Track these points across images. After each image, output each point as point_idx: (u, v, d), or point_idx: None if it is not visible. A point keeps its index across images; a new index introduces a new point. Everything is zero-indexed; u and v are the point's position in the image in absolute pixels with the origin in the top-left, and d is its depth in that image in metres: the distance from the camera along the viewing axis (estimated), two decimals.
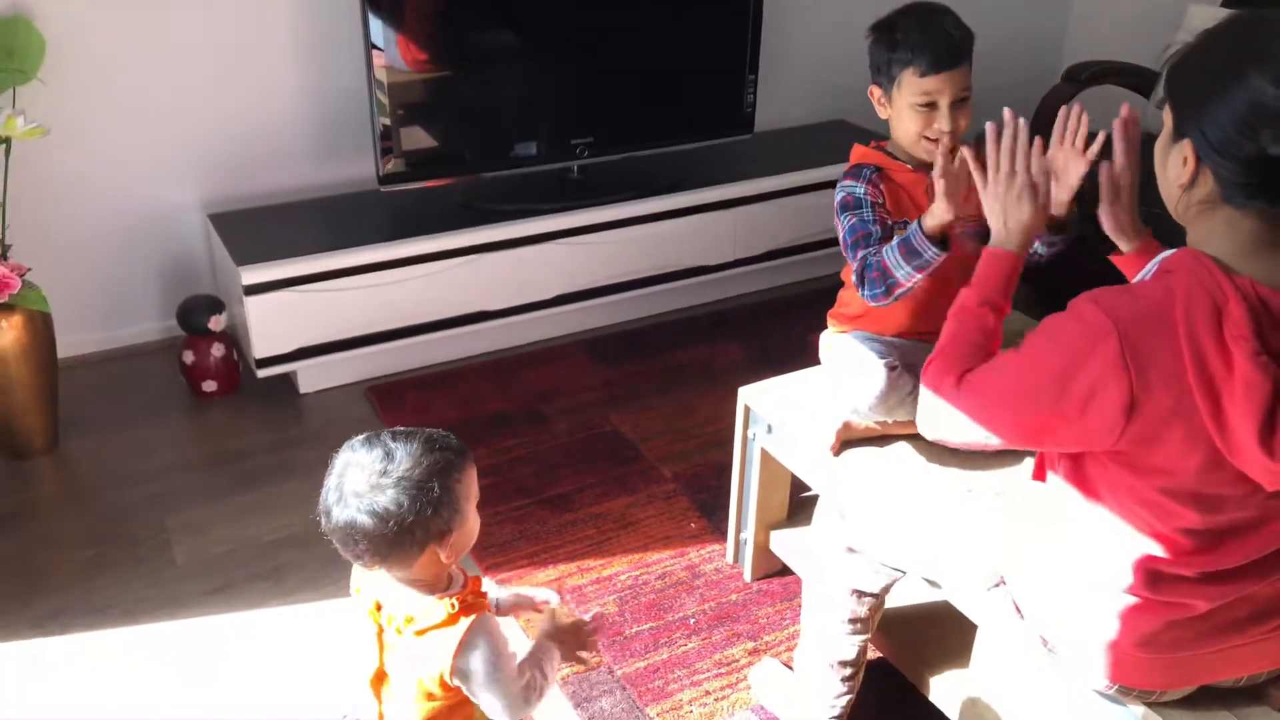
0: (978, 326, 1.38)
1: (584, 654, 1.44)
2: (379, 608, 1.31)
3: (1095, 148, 1.54)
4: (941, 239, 1.63)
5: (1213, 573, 1.23)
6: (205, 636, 2.01)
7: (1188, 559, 1.22)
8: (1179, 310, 1.11)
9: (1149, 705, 1.34)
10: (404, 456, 1.23)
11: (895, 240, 1.68)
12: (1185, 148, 1.17)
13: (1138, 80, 3.18)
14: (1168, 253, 1.21)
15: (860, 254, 1.73)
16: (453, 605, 1.26)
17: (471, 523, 1.30)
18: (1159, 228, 1.45)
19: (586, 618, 1.46)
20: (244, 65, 2.80)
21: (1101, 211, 1.51)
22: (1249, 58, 1.09)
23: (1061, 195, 1.58)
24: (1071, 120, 1.56)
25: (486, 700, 1.27)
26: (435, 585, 1.30)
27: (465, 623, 1.26)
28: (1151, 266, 1.22)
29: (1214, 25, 1.17)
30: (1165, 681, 1.31)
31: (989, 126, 1.46)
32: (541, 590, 1.53)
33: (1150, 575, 1.24)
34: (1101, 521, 1.26)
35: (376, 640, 1.32)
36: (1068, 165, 1.57)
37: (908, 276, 1.67)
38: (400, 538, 1.22)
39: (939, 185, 1.59)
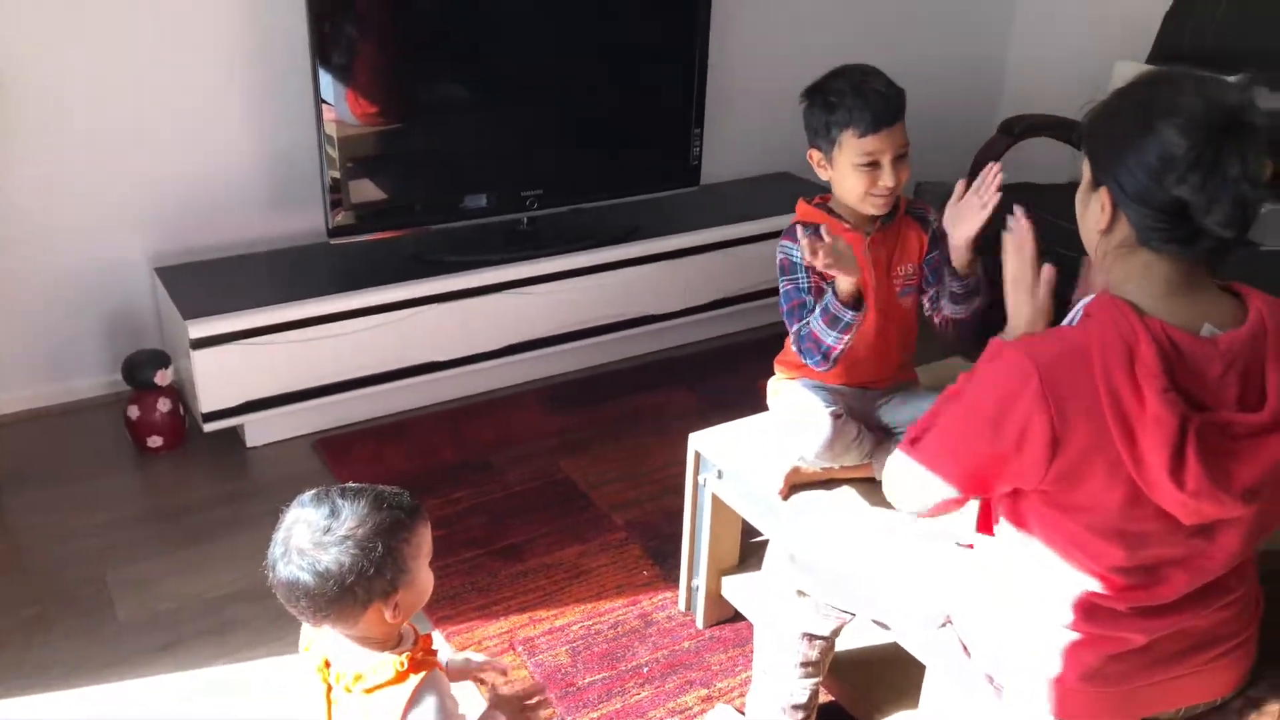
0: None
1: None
2: (327, 665, 1.30)
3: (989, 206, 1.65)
4: (855, 301, 1.70)
5: (1146, 607, 1.27)
6: (151, 695, 1.97)
7: (1121, 595, 1.26)
8: (1095, 351, 1.17)
9: None
10: (349, 515, 1.23)
11: (817, 311, 1.74)
12: (1103, 195, 1.23)
13: (1068, 133, 3.29)
14: (1089, 298, 1.26)
15: (795, 326, 1.80)
16: (402, 663, 1.26)
17: (422, 582, 1.30)
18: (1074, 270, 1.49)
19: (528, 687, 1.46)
20: (192, 118, 2.80)
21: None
22: (1157, 111, 1.16)
23: (956, 240, 1.71)
24: (989, 175, 1.65)
25: None
26: (384, 643, 1.29)
27: (414, 680, 1.25)
28: (1077, 311, 1.27)
29: (1126, 83, 1.24)
30: (1108, 715, 1.34)
31: (1010, 220, 1.46)
32: (492, 660, 1.52)
33: (1087, 610, 1.28)
34: (1040, 559, 1.30)
35: (325, 698, 1.31)
36: (968, 216, 1.68)
37: (837, 340, 1.74)
38: (342, 596, 1.22)
39: (819, 264, 1.64)
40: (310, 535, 1.22)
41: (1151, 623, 1.27)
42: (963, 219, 1.71)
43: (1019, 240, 1.43)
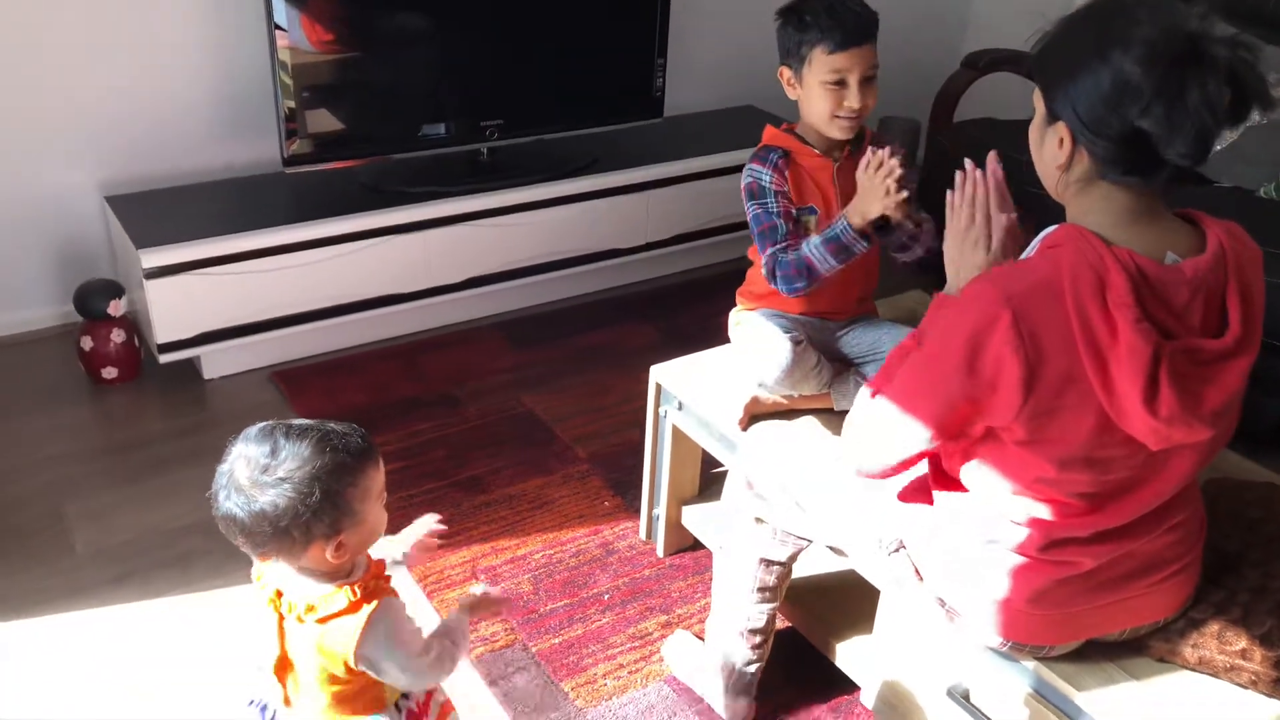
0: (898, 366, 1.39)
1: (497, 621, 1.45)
2: (279, 595, 1.29)
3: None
4: (864, 233, 1.71)
5: (1102, 531, 1.30)
6: (108, 625, 1.97)
7: (1081, 519, 1.28)
8: (1065, 282, 1.17)
9: (1040, 660, 1.40)
10: (290, 456, 1.20)
11: (818, 239, 1.74)
12: (1060, 130, 1.23)
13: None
14: (1050, 229, 1.26)
15: (770, 251, 1.79)
16: (354, 592, 1.25)
17: (372, 521, 1.27)
18: (1041, 205, 1.48)
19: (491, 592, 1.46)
20: (142, 44, 2.72)
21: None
22: (1112, 40, 1.15)
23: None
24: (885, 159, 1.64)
25: (394, 677, 1.28)
26: (334, 574, 1.28)
27: (367, 610, 1.24)
28: (1035, 244, 1.28)
29: (1073, 11, 1.23)
30: (1055, 636, 1.37)
31: (957, 175, 1.43)
32: (425, 520, 1.49)
33: (1042, 537, 1.31)
34: (994, 485, 1.32)
35: (278, 629, 1.30)
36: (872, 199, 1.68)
37: (831, 270, 1.75)
38: (277, 536, 1.20)
39: (884, 176, 1.66)
40: (248, 473, 1.20)
41: (1103, 547, 1.30)
42: (867, 200, 1.70)
43: (973, 192, 1.39)
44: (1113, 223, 1.23)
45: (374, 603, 1.25)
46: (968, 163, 1.43)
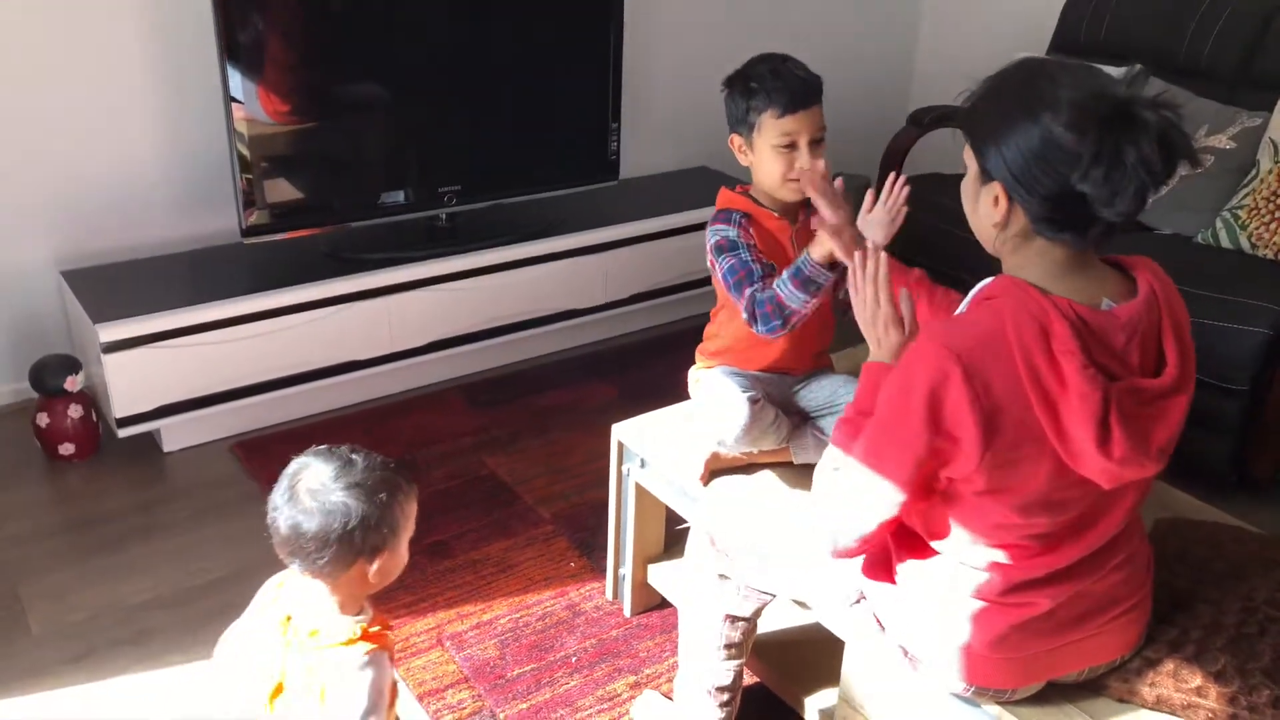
0: (853, 437, 1.38)
1: None
2: (289, 620, 1.34)
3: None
4: (829, 263, 1.73)
5: (1054, 571, 1.32)
6: (66, 706, 1.93)
7: (1035, 560, 1.31)
8: (1010, 333, 1.20)
9: (1002, 705, 1.42)
10: (363, 467, 1.31)
11: (785, 275, 1.76)
12: (995, 188, 1.26)
13: None
14: (985, 281, 1.30)
15: (747, 292, 1.80)
16: (356, 631, 1.31)
17: (403, 550, 1.36)
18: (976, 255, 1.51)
19: None
20: (97, 117, 2.73)
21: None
22: (1040, 101, 1.20)
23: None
24: (895, 188, 1.72)
25: None
26: (348, 606, 1.34)
27: (362, 648, 1.30)
28: (970, 297, 1.32)
29: (1000, 71, 1.28)
30: (1016, 680, 1.39)
31: (856, 255, 1.47)
32: None
33: (1001, 581, 1.33)
34: (954, 535, 1.34)
35: (281, 654, 1.34)
36: (878, 228, 1.74)
37: (803, 304, 1.75)
38: (343, 540, 1.27)
39: (825, 215, 1.70)
40: (321, 480, 1.29)
41: (1057, 588, 1.33)
42: (871, 231, 1.75)
43: (874, 272, 1.43)
44: (1049, 274, 1.27)
45: (371, 646, 1.30)
46: (869, 243, 1.53)
